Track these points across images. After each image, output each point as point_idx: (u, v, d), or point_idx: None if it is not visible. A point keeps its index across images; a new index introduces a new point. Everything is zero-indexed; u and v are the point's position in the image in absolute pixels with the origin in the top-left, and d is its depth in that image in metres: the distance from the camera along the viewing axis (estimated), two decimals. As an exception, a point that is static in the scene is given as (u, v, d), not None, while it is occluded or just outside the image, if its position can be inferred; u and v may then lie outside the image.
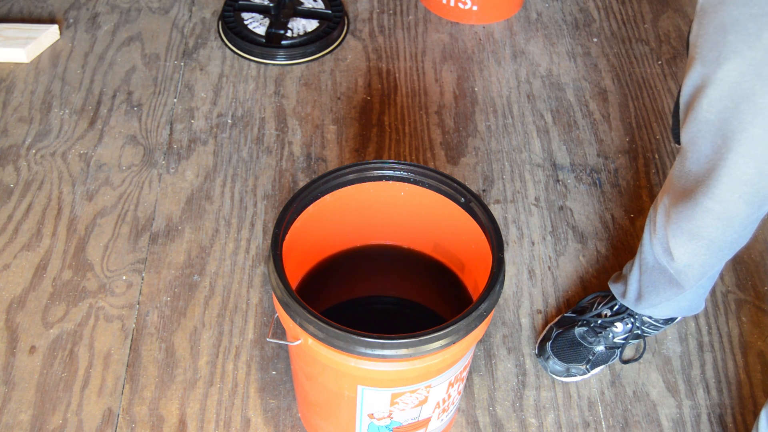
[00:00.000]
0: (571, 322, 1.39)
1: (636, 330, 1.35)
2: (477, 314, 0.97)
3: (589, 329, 1.36)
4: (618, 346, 1.36)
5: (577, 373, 1.35)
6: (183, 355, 1.36)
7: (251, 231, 1.54)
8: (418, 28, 1.99)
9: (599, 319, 1.37)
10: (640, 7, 2.07)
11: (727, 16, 0.92)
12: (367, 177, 1.14)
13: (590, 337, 1.36)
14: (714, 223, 1.05)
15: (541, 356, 1.37)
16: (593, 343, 1.35)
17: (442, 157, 1.69)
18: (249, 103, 1.78)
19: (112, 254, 1.49)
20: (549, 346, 1.36)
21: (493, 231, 1.05)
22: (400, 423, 1.11)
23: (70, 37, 1.89)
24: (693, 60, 0.99)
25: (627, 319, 1.35)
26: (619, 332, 1.36)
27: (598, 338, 1.35)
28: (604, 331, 1.36)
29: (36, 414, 1.28)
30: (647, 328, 1.36)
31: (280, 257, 1.01)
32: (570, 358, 1.35)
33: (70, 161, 1.64)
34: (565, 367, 1.35)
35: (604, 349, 1.36)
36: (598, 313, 1.37)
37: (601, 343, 1.35)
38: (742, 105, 0.94)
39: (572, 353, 1.35)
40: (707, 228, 1.06)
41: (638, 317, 1.35)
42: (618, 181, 1.67)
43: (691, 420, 1.33)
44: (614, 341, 1.36)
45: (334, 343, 0.95)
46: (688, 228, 1.08)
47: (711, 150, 1.00)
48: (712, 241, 1.08)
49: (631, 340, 1.37)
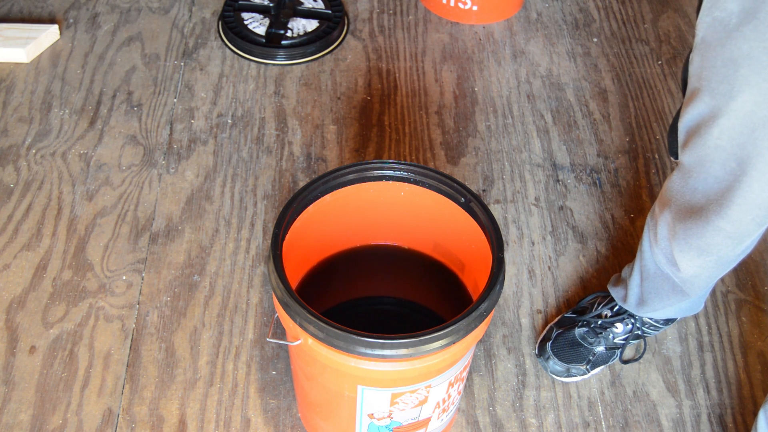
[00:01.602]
0: (571, 323, 1.39)
1: (636, 330, 1.36)
2: (477, 314, 0.97)
3: (590, 330, 1.36)
4: (618, 347, 1.36)
5: (577, 374, 1.35)
6: (183, 355, 1.36)
7: (251, 231, 1.54)
8: (418, 28, 1.99)
9: (599, 319, 1.37)
10: (640, 7, 2.07)
11: (736, 50, 0.93)
12: (367, 177, 1.14)
13: (590, 337, 1.36)
14: (725, 241, 1.07)
15: (541, 356, 1.37)
16: (593, 344, 1.35)
17: (442, 157, 1.69)
18: (249, 103, 1.78)
19: (112, 254, 1.49)
20: (549, 346, 1.36)
21: (493, 231, 1.05)
22: (400, 423, 1.11)
23: (70, 37, 1.89)
24: (698, 91, 1.00)
25: (627, 319, 1.35)
26: (620, 333, 1.36)
27: (599, 339, 1.35)
28: (604, 332, 1.36)
29: (36, 414, 1.28)
30: (647, 328, 1.36)
31: (280, 257, 1.01)
32: (570, 358, 1.35)
33: (70, 161, 1.64)
34: (565, 367, 1.35)
35: (605, 350, 1.36)
36: (599, 314, 1.37)
37: (602, 343, 1.35)
38: (758, 131, 0.95)
39: (572, 353, 1.35)
40: (718, 246, 1.08)
41: (639, 318, 1.35)
42: (618, 181, 1.67)
43: (691, 420, 1.33)
44: (614, 341, 1.36)
45: (334, 343, 0.95)
46: (697, 244, 1.09)
47: (723, 172, 1.01)
48: (721, 258, 1.10)
49: (632, 341, 1.37)
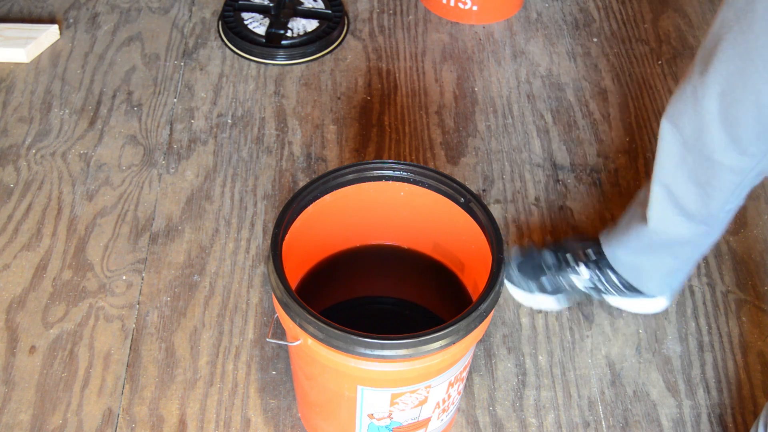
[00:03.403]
0: (549, 247, 1.44)
1: (598, 283, 1.38)
2: (477, 314, 0.97)
3: (558, 260, 1.41)
4: (573, 290, 1.40)
5: (524, 288, 1.41)
6: (183, 355, 1.36)
7: (251, 231, 1.54)
8: (418, 28, 1.99)
9: (571, 254, 1.40)
10: (640, 7, 2.07)
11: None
12: (366, 177, 1.14)
13: (555, 267, 1.40)
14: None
15: (507, 263, 1.43)
16: (552, 272, 1.40)
17: (442, 157, 1.69)
18: (249, 103, 1.78)
19: (112, 254, 1.49)
20: (517, 254, 1.44)
21: (493, 231, 1.05)
22: (400, 423, 1.11)
23: (70, 37, 1.90)
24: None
25: (594, 269, 1.38)
26: (581, 277, 1.39)
27: (561, 271, 1.40)
28: (568, 268, 1.40)
29: (36, 414, 1.28)
30: (610, 286, 1.39)
31: (280, 257, 1.01)
32: (527, 273, 1.40)
33: (70, 161, 1.64)
34: (519, 277, 1.41)
35: (560, 283, 1.40)
36: (575, 250, 1.41)
37: (561, 276, 1.40)
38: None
39: (530, 270, 1.40)
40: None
41: (606, 274, 1.38)
42: (618, 181, 1.67)
43: (691, 420, 1.33)
44: (572, 282, 1.39)
45: (333, 344, 0.95)
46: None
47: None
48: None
49: (590, 290, 1.40)
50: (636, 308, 1.42)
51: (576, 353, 1.40)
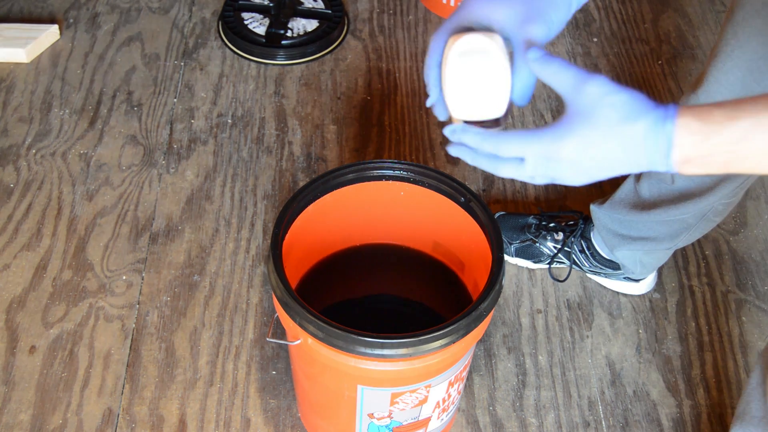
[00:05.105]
0: (539, 215, 1.50)
1: (572, 252, 1.44)
2: (477, 314, 0.97)
3: (539, 224, 1.47)
4: (550, 254, 1.45)
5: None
6: (183, 355, 1.36)
7: (251, 231, 1.54)
8: (418, 28, 1.99)
9: (554, 223, 1.47)
10: (640, 7, 2.07)
11: None
12: (366, 177, 1.14)
13: (534, 229, 1.46)
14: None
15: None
16: (529, 234, 1.46)
17: (442, 157, 1.69)
18: (249, 103, 1.78)
19: (112, 254, 1.49)
20: (505, 216, 1.51)
21: (493, 231, 1.05)
22: (400, 423, 1.11)
23: (70, 37, 1.90)
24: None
25: (571, 237, 1.44)
26: (558, 240, 1.45)
27: (537, 236, 1.46)
28: (547, 233, 1.46)
29: (36, 414, 1.28)
30: (582, 257, 1.43)
31: (280, 257, 1.01)
32: (507, 233, 1.48)
33: (70, 161, 1.64)
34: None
35: (534, 246, 1.46)
36: (560, 218, 1.48)
37: (539, 240, 1.46)
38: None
39: (510, 230, 1.48)
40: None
41: (580, 243, 1.43)
42: (618, 180, 1.67)
43: (692, 420, 1.33)
44: (547, 245, 1.45)
45: (333, 343, 0.95)
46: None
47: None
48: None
49: (560, 255, 1.45)
50: (616, 287, 1.48)
51: (576, 353, 1.40)
